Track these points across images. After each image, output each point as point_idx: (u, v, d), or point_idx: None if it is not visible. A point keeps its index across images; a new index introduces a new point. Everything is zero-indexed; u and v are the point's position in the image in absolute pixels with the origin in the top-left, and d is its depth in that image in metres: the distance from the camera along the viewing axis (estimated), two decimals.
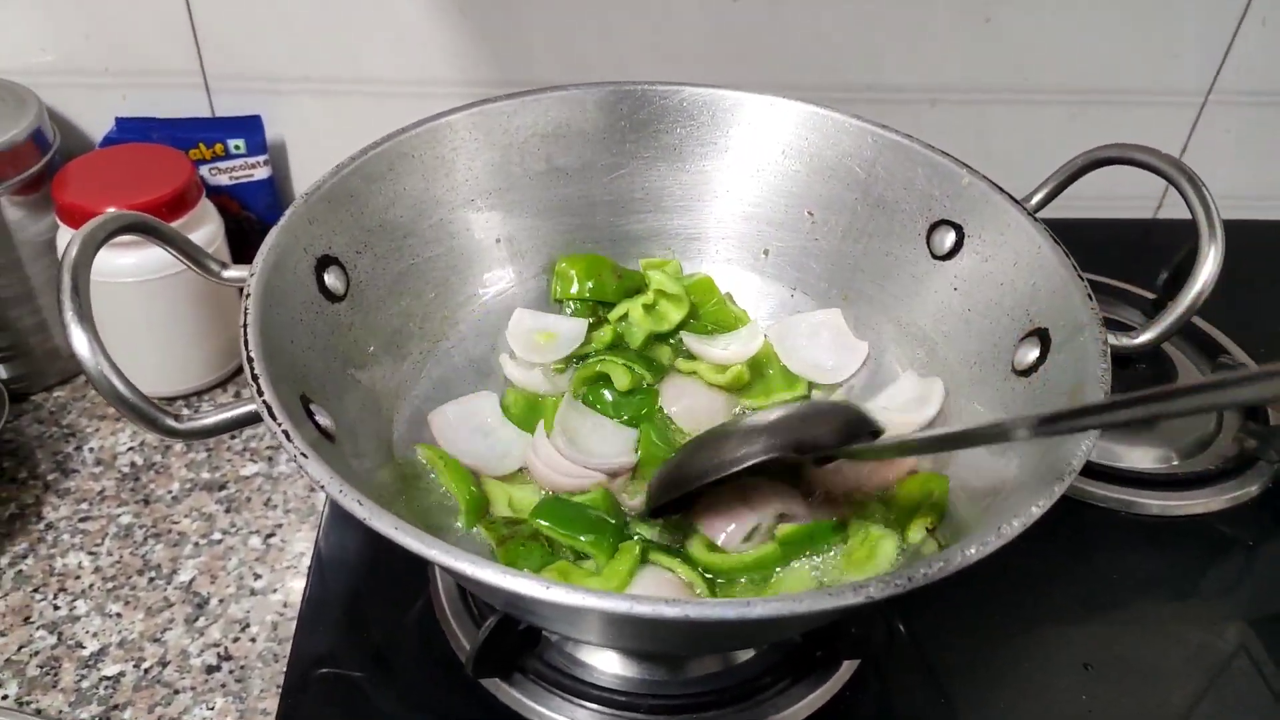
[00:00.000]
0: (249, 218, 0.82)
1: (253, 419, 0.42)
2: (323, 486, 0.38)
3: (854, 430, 0.49)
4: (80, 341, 0.40)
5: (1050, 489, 0.40)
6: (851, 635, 0.52)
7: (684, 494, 0.51)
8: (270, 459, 0.71)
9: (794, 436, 0.49)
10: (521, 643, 0.53)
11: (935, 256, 0.60)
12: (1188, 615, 0.62)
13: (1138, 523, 0.67)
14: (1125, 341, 0.52)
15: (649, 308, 0.65)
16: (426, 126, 0.59)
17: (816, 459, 0.52)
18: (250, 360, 0.42)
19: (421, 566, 0.60)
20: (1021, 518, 0.39)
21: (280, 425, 0.40)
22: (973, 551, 0.38)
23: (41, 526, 0.65)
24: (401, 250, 0.58)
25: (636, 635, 0.43)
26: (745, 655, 0.55)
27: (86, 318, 0.40)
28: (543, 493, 0.56)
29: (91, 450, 0.71)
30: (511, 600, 0.40)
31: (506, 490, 0.57)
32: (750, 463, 0.48)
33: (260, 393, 0.41)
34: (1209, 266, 0.51)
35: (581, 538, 0.52)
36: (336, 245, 0.54)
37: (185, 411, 0.43)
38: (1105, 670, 0.58)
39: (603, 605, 0.35)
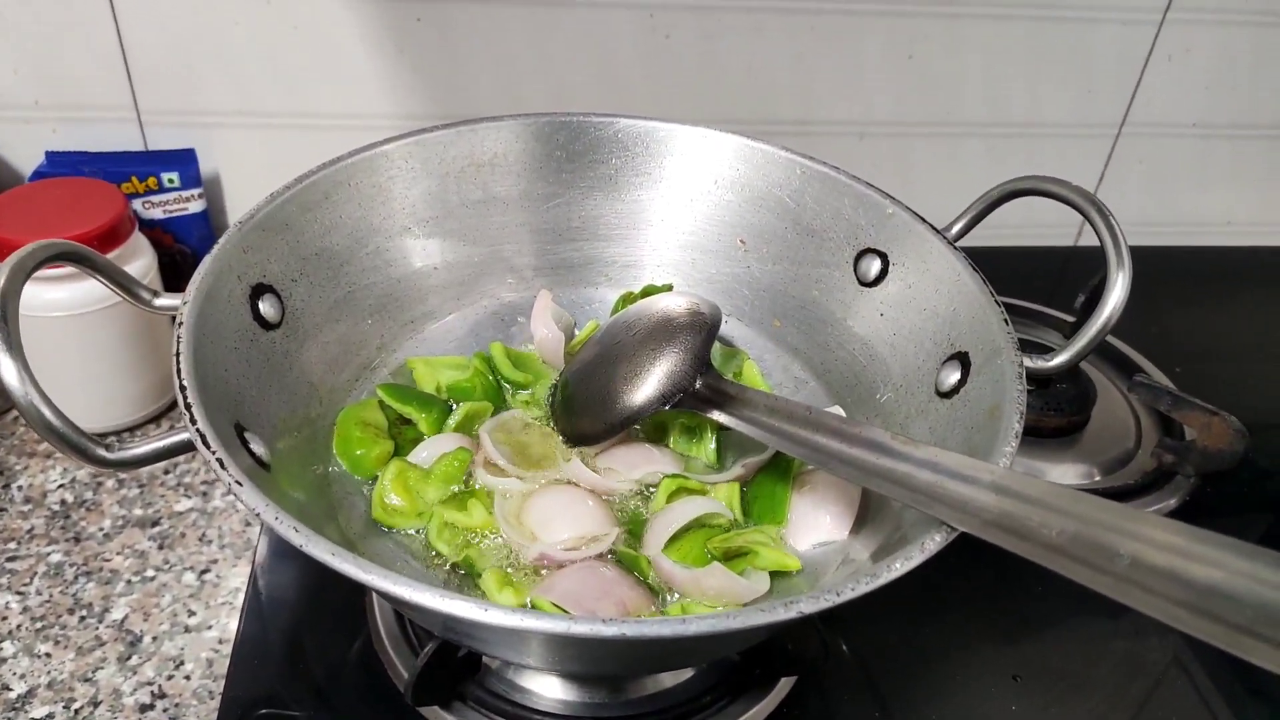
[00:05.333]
0: (183, 251, 0.82)
1: (186, 448, 0.42)
2: (258, 514, 0.38)
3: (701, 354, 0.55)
4: (9, 371, 0.39)
5: None
6: (787, 652, 0.53)
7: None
8: (205, 494, 0.70)
9: (663, 389, 0.54)
10: (461, 670, 0.53)
11: (862, 284, 0.61)
12: (1113, 626, 0.64)
13: None
14: (1040, 364, 0.54)
15: None
16: (363, 155, 0.59)
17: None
18: (183, 389, 0.42)
19: (360, 599, 0.60)
20: (943, 532, 0.40)
21: (214, 454, 0.40)
22: (899, 565, 0.39)
23: None
24: (338, 278, 0.59)
25: (573, 655, 0.44)
26: (685, 675, 0.56)
27: (15, 346, 0.40)
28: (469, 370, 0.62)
29: (20, 488, 0.69)
30: (449, 623, 0.41)
31: (435, 376, 0.61)
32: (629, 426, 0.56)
33: (194, 421, 0.41)
34: (1117, 292, 0.53)
35: (416, 412, 0.58)
36: (271, 273, 0.54)
37: (115, 441, 0.42)
38: (1033, 681, 0.60)
39: (540, 626, 0.35)
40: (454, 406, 0.60)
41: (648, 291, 0.66)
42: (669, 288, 0.67)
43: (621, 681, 0.55)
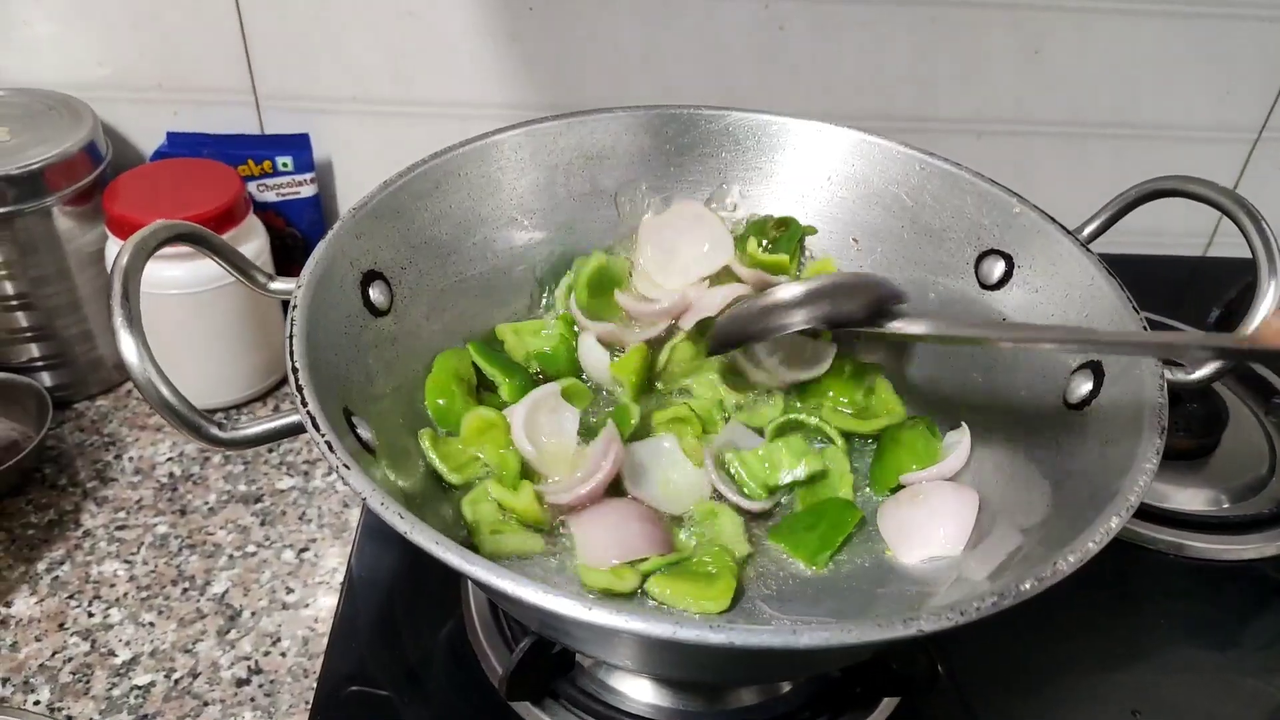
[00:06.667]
0: (293, 234, 0.83)
1: (295, 430, 0.42)
2: (364, 499, 0.37)
3: (881, 305, 0.54)
4: (128, 347, 0.40)
5: (1107, 522, 0.39)
6: (892, 671, 0.51)
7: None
8: (306, 473, 0.71)
9: (827, 310, 0.54)
10: (554, 666, 0.52)
11: (984, 286, 0.59)
12: (1239, 662, 0.60)
13: (1186, 566, 0.65)
14: (1181, 376, 0.50)
15: None
16: (474, 145, 0.59)
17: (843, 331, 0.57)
18: (295, 371, 0.42)
19: (454, 586, 0.60)
20: (1077, 553, 0.38)
21: (324, 436, 0.39)
22: (1027, 586, 0.36)
23: (79, 533, 0.65)
24: (445, 267, 0.58)
25: (673, 660, 0.42)
26: (783, 689, 0.54)
27: (135, 324, 0.40)
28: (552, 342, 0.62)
29: (131, 460, 0.71)
30: (549, 619, 0.40)
31: (524, 345, 0.62)
32: (786, 332, 0.55)
33: (304, 404, 0.41)
34: (1268, 303, 0.49)
35: (500, 376, 0.59)
36: (382, 260, 0.54)
37: (227, 421, 0.43)
38: (1154, 716, 0.56)
39: (645, 629, 0.34)
40: (538, 377, 0.61)
41: None
42: None
43: (717, 691, 0.54)
